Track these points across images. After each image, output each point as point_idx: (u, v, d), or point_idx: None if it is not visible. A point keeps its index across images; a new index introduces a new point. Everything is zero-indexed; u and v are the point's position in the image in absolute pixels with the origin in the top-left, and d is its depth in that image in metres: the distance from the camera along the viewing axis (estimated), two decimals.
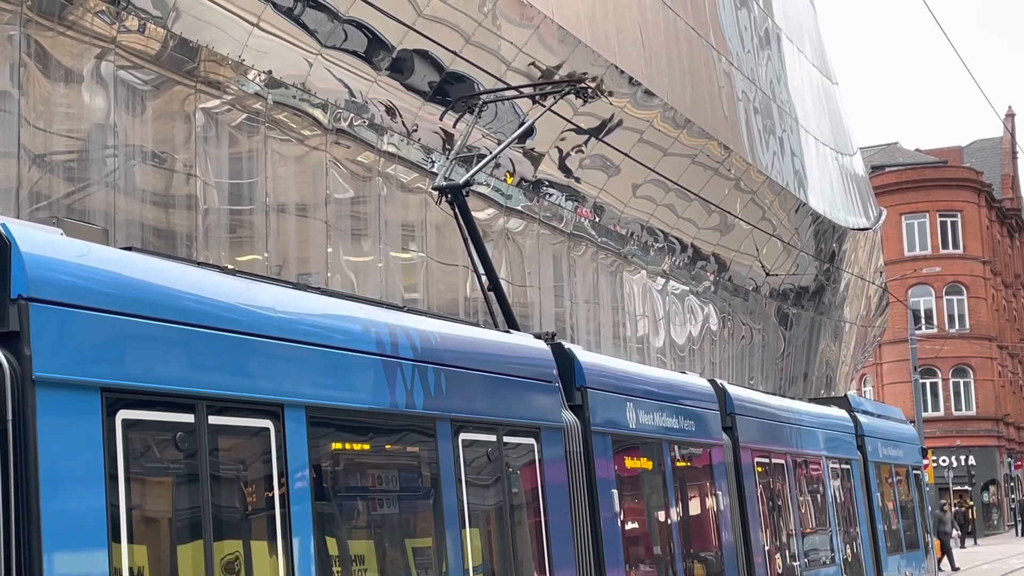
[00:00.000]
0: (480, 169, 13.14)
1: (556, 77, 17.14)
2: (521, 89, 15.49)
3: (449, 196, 12.20)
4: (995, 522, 58.91)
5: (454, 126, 12.55)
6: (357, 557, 8.27)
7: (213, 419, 6.95)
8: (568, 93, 12.57)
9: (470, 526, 9.28)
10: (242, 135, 16.82)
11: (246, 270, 11.06)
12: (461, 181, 12.31)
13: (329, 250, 18.48)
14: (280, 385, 7.54)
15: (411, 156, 20.03)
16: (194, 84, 15.79)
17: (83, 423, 6.21)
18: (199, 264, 7.92)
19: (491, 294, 12.37)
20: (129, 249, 7.34)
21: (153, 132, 15.36)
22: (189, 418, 6.81)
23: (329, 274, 18.19)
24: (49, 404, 6.04)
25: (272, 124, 17.19)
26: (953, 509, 42.47)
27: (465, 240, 12.25)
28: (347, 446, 8.31)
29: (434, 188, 12.50)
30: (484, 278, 12.37)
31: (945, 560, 35.37)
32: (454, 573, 8.98)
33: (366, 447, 8.55)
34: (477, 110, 13.67)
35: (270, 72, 16.83)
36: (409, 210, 20.47)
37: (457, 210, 12.20)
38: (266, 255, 17.06)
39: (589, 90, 12.68)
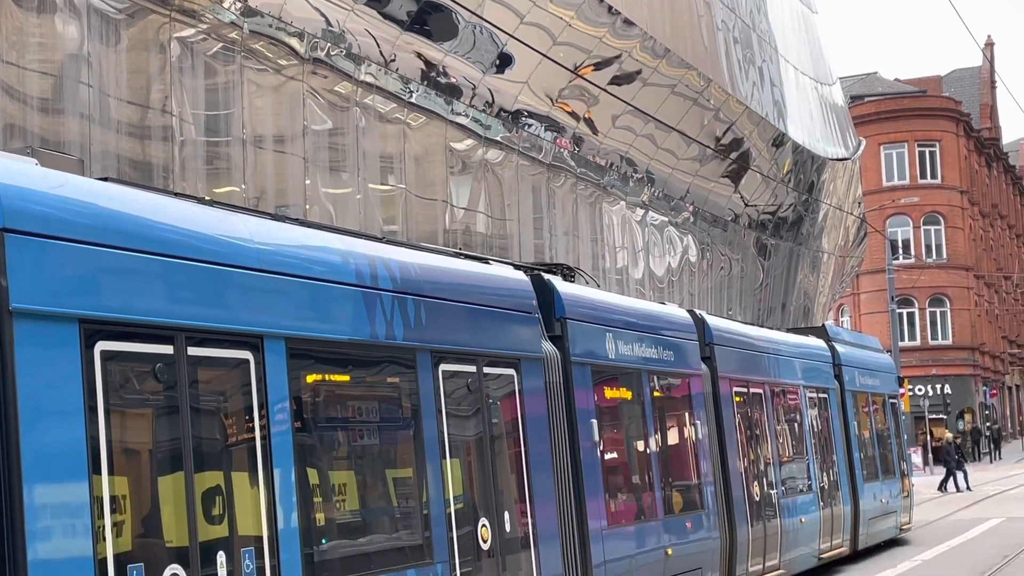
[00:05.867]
0: None
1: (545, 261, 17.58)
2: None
3: None
4: (970, 450, 59.49)
5: None
6: (338, 487, 8.30)
7: (192, 350, 6.93)
8: (554, 273, 12.40)
9: (450, 456, 9.32)
10: (218, 64, 16.64)
11: (224, 202, 10.98)
12: None
13: (307, 182, 18.36)
14: (259, 317, 7.52)
15: (389, 86, 19.86)
16: (168, 13, 15.58)
17: (61, 354, 6.18)
18: (177, 195, 7.86)
19: None
20: (106, 180, 7.28)
21: (128, 62, 15.17)
22: (168, 349, 6.79)
23: (307, 206, 18.08)
24: (27, 335, 6.01)
25: (248, 54, 17.00)
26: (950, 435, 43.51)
27: None
28: (327, 377, 8.32)
29: None
30: None
31: None
32: (434, 503, 9.03)
33: (346, 378, 8.56)
34: None
35: (246, 0, 16.62)
36: (387, 141, 20.33)
37: None
38: (243, 187, 16.94)
39: (575, 273, 12.94)
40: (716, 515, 14.28)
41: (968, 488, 37.07)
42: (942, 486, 37.59)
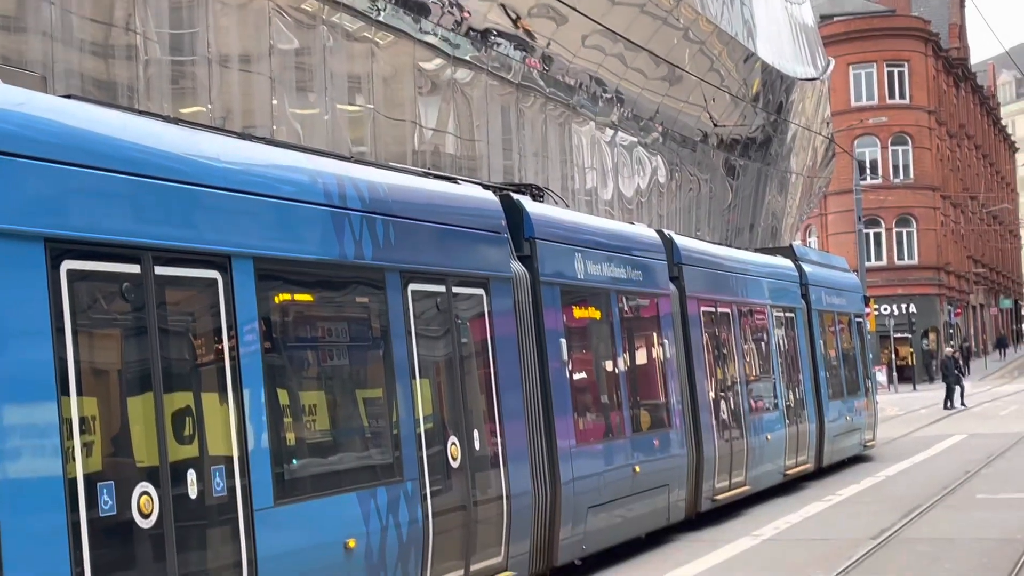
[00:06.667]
0: None
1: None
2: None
3: None
4: (934, 369, 60.19)
5: None
6: (308, 407, 8.33)
7: (160, 270, 6.91)
8: (523, 193, 12.31)
9: (420, 376, 9.36)
10: None
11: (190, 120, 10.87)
12: None
13: (274, 102, 18.19)
14: (227, 236, 7.49)
15: (356, 4, 19.63)
16: None
17: (27, 274, 6.15)
18: (142, 113, 7.78)
19: None
20: (70, 98, 7.19)
21: None
22: (135, 269, 6.77)
23: (275, 127, 17.93)
24: None
25: None
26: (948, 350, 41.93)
27: None
28: (296, 297, 8.31)
29: None
30: None
31: None
32: (404, 423, 9.08)
33: (315, 298, 8.56)
34: None
35: None
36: (355, 61, 20.14)
37: None
38: (209, 107, 16.77)
39: (544, 193, 13.03)
40: (683, 433, 14.42)
41: (963, 405, 36.31)
42: (947, 403, 36.60)
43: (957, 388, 36.93)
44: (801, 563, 12.14)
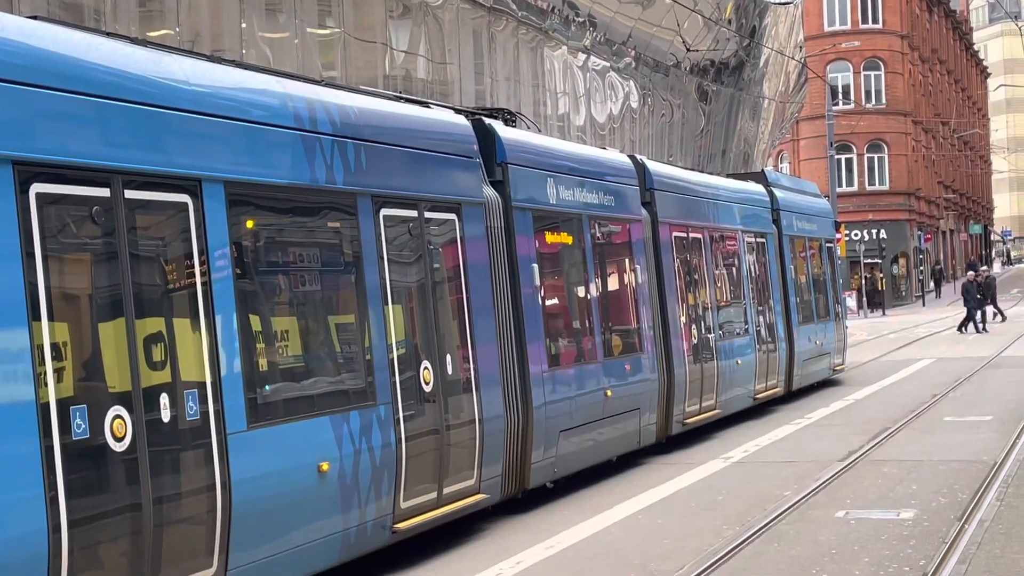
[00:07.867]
0: None
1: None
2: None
3: None
4: (903, 293, 60.61)
5: None
6: (280, 333, 8.33)
7: (129, 194, 6.87)
8: (495, 118, 12.18)
9: (392, 302, 9.37)
10: None
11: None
12: None
13: (243, 25, 17.99)
14: (197, 160, 7.45)
15: None
16: None
17: None
18: (110, 35, 7.68)
19: None
20: (36, 19, 7.10)
21: None
22: (105, 193, 6.73)
23: (244, 50, 17.75)
24: None
25: None
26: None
27: None
28: (267, 222, 8.28)
29: None
30: None
31: None
32: (377, 348, 9.10)
33: (287, 223, 8.53)
34: None
35: None
36: None
37: None
38: (177, 30, 16.58)
39: (516, 118, 12.93)
40: (654, 357, 14.51)
41: (985, 330, 35.34)
42: (962, 327, 35.49)
43: (979, 313, 35.73)
44: (770, 484, 12.29)
